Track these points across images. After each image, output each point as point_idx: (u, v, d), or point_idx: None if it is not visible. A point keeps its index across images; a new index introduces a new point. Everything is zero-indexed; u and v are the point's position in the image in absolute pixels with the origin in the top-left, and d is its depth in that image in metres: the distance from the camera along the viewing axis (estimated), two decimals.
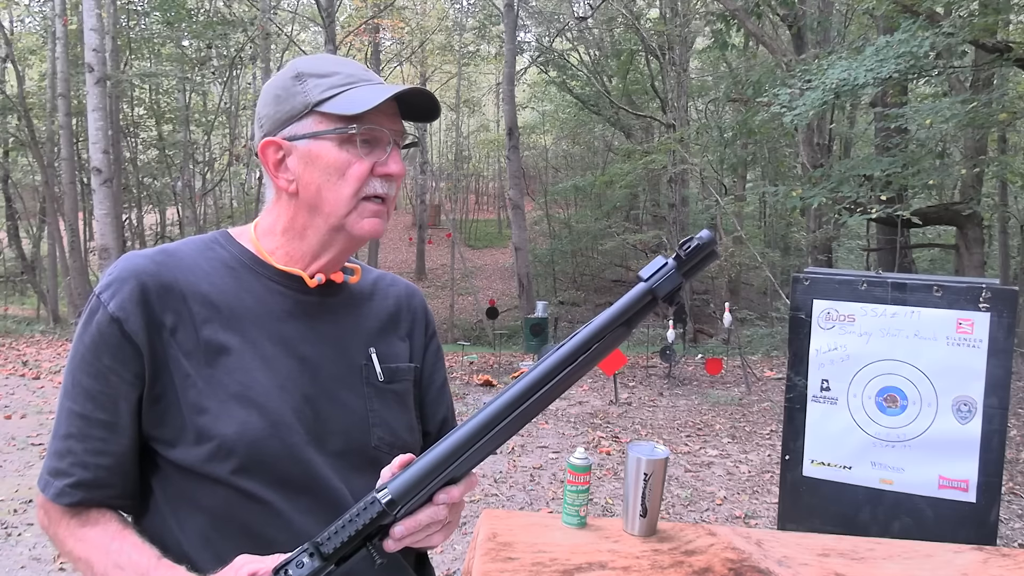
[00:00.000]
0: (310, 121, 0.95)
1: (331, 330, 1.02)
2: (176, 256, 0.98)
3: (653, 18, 18.16)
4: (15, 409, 6.27)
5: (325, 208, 0.96)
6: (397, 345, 1.10)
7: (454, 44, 21.48)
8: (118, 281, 0.93)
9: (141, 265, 0.94)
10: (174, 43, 13.83)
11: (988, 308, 2.21)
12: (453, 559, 3.67)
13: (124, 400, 0.93)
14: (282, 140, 0.96)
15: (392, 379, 1.05)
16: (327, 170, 0.95)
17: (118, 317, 0.91)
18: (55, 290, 14.72)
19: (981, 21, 6.12)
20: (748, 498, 4.74)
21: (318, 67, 0.98)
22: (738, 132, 11.75)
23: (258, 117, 1.01)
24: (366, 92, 0.95)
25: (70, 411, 0.95)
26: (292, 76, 0.97)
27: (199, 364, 0.93)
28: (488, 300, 14.71)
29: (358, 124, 0.94)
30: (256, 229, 1.04)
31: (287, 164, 0.97)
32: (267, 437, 0.92)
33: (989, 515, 2.20)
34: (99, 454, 0.94)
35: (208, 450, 0.91)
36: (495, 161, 31.00)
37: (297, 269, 1.01)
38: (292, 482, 0.94)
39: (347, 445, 0.99)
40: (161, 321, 0.93)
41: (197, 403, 0.92)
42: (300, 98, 0.96)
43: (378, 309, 1.10)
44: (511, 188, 14.32)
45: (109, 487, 0.96)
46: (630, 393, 7.94)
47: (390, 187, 0.98)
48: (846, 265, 15.51)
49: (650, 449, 1.66)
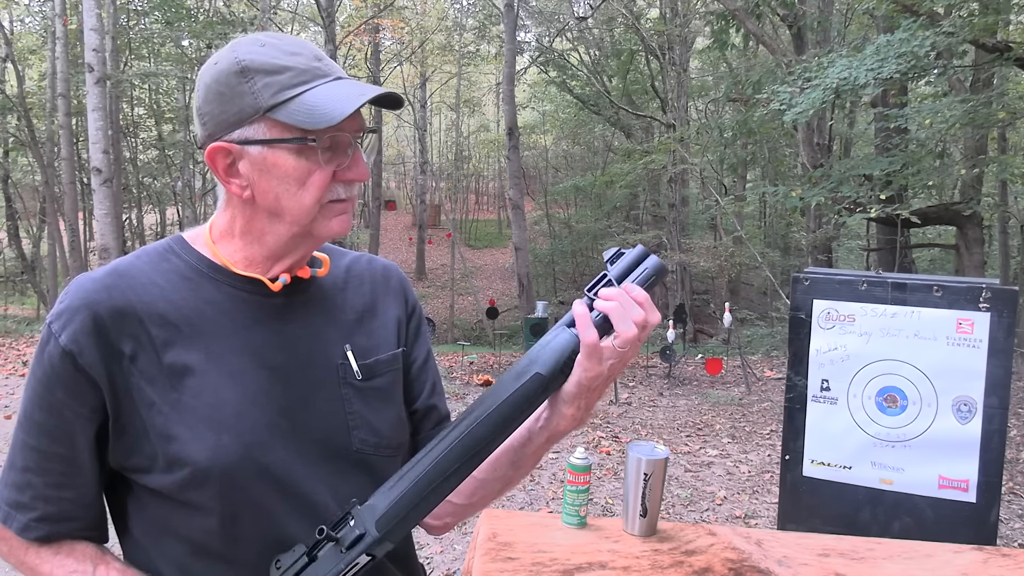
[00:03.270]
0: (262, 127, 0.86)
1: (301, 332, 0.97)
2: (128, 275, 0.91)
3: (653, 18, 18.16)
4: (15, 409, 6.27)
5: (287, 217, 0.90)
6: (378, 334, 1.04)
7: (454, 44, 21.47)
8: (69, 311, 0.87)
9: (92, 292, 0.88)
10: (174, 43, 13.82)
11: (988, 308, 2.21)
12: (453, 559, 3.67)
13: (81, 435, 0.89)
14: (231, 145, 0.87)
15: (372, 375, 1.00)
16: (285, 179, 0.87)
17: (71, 350, 0.86)
18: (55, 290, 14.70)
19: (981, 21, 6.11)
20: (748, 498, 4.74)
21: (266, 60, 0.86)
22: (738, 132, 11.74)
23: (199, 112, 0.90)
24: (324, 95, 0.86)
25: (24, 443, 0.91)
26: (236, 71, 0.86)
27: (164, 389, 0.88)
28: (488, 300, 14.72)
29: (319, 135, 0.86)
30: (212, 231, 0.96)
31: (239, 169, 0.89)
32: (241, 460, 0.88)
33: (989, 515, 2.20)
34: (60, 487, 0.91)
35: (182, 477, 0.87)
36: (495, 161, 31.00)
37: (258, 274, 0.94)
38: (273, 503, 0.91)
39: (328, 452, 0.95)
40: (119, 350, 0.87)
41: (165, 430, 0.87)
42: (248, 100, 0.86)
43: (353, 298, 1.04)
44: (511, 188, 14.31)
45: (74, 519, 0.93)
46: (630, 393, 7.94)
47: (352, 190, 0.92)
48: (846, 265, 15.51)
49: (650, 449, 1.66)
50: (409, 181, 32.92)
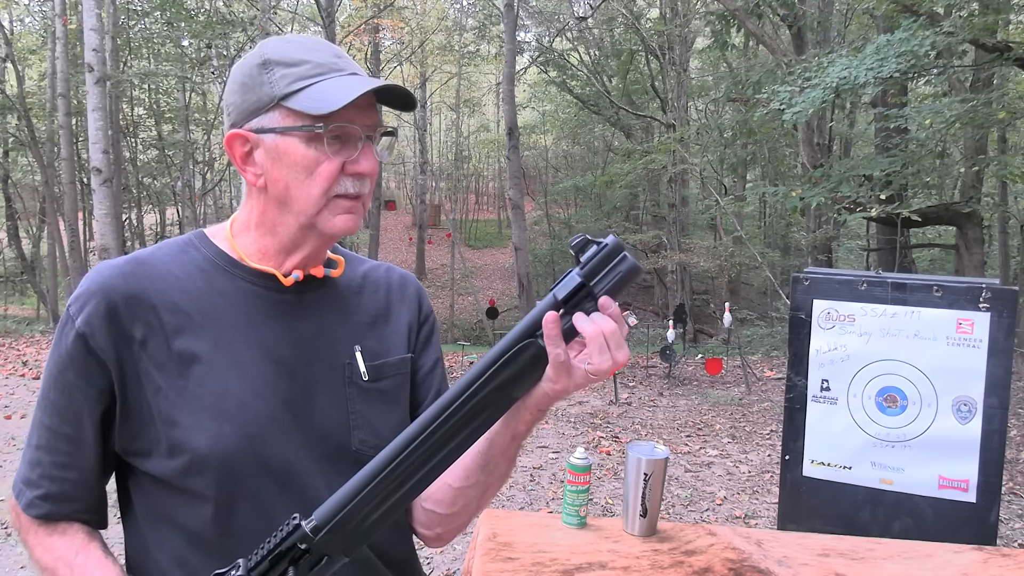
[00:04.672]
0: (277, 115, 0.90)
1: (311, 329, 0.98)
2: (147, 264, 0.95)
3: (653, 18, 18.17)
4: (15, 409, 6.28)
5: (295, 206, 0.92)
6: (389, 339, 1.05)
7: (454, 44, 21.48)
8: (85, 295, 0.91)
9: (109, 277, 0.91)
10: (174, 43, 13.82)
11: (988, 308, 2.21)
12: (453, 559, 3.67)
13: (88, 416, 0.92)
14: (248, 133, 0.91)
15: (378, 377, 1.01)
16: (294, 168, 0.90)
17: (83, 332, 0.89)
18: (55, 290, 14.71)
19: (981, 21, 6.12)
20: (748, 498, 4.74)
21: (286, 54, 0.91)
22: (738, 132, 11.75)
23: (226, 104, 0.95)
24: (335, 86, 0.89)
25: (40, 421, 0.95)
26: (259, 63, 0.91)
27: (171, 376, 0.90)
28: (488, 300, 14.73)
29: (325, 123, 0.88)
30: (232, 226, 1.00)
31: (254, 158, 0.92)
32: (241, 450, 0.90)
33: (989, 515, 2.20)
34: (64, 468, 0.94)
35: (181, 464, 0.89)
36: (495, 161, 31.01)
37: (271, 268, 0.97)
38: (269, 496, 0.91)
39: (328, 449, 0.96)
40: (130, 334, 0.90)
41: (169, 416, 0.89)
42: (266, 89, 0.90)
43: (368, 303, 1.05)
44: (511, 188, 14.32)
45: (75, 501, 0.96)
46: (630, 393, 7.94)
47: (363, 185, 0.93)
48: (846, 265, 15.51)
49: (650, 449, 1.66)
50: (409, 181, 32.91)
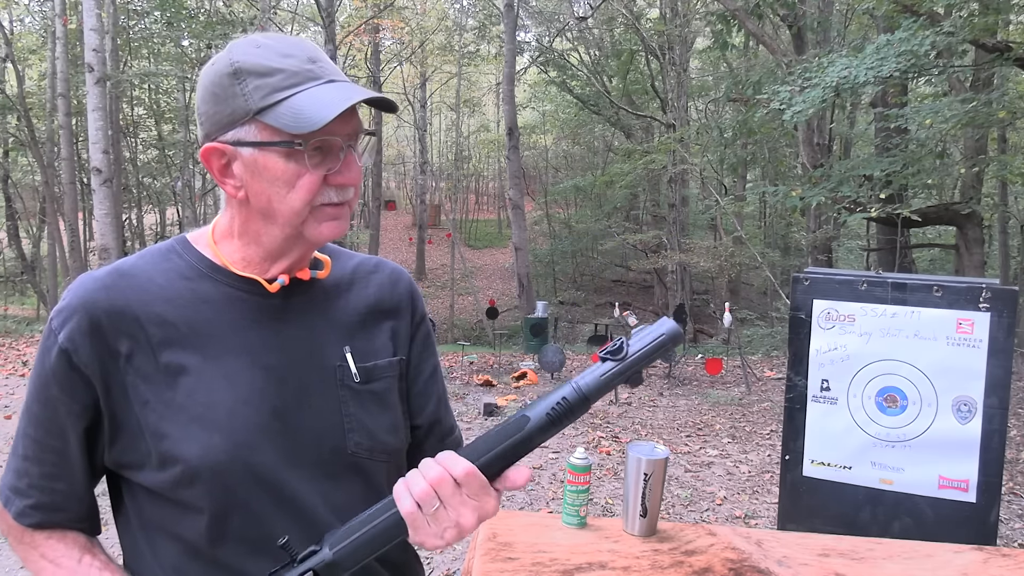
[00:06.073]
0: (253, 128, 0.87)
1: (299, 333, 0.96)
2: (129, 276, 0.93)
3: (653, 18, 18.17)
4: (15, 409, 6.27)
5: (279, 219, 0.90)
6: (378, 339, 1.03)
7: (454, 44, 21.48)
8: (67, 309, 0.89)
9: (91, 291, 0.90)
10: (174, 43, 13.82)
11: (988, 308, 2.21)
12: (453, 559, 3.67)
13: (72, 430, 0.91)
14: (225, 146, 0.89)
15: (370, 379, 0.99)
16: (275, 182, 0.88)
17: (66, 349, 0.88)
18: (55, 290, 14.70)
19: (981, 21, 6.12)
20: (748, 498, 4.74)
21: (258, 62, 0.87)
22: (738, 132, 11.74)
23: (198, 112, 0.92)
24: (313, 98, 0.86)
25: (25, 432, 0.94)
26: (229, 72, 0.87)
27: (159, 388, 0.89)
28: (488, 300, 14.73)
29: (305, 139, 0.86)
30: (214, 231, 0.98)
31: (233, 170, 0.90)
32: (231, 460, 0.89)
33: (989, 515, 2.20)
34: (54, 478, 0.94)
35: (173, 475, 0.88)
36: (495, 161, 31.01)
37: (255, 275, 0.95)
38: (262, 505, 0.91)
39: (322, 454, 0.94)
40: (115, 349, 0.89)
41: (158, 428, 0.89)
42: (240, 101, 0.87)
43: (356, 300, 1.03)
44: (511, 188, 14.32)
45: (65, 510, 0.96)
46: (630, 393, 7.94)
47: (346, 193, 0.92)
48: (846, 265, 15.52)
49: (650, 449, 1.66)
50: (409, 181, 32.93)
